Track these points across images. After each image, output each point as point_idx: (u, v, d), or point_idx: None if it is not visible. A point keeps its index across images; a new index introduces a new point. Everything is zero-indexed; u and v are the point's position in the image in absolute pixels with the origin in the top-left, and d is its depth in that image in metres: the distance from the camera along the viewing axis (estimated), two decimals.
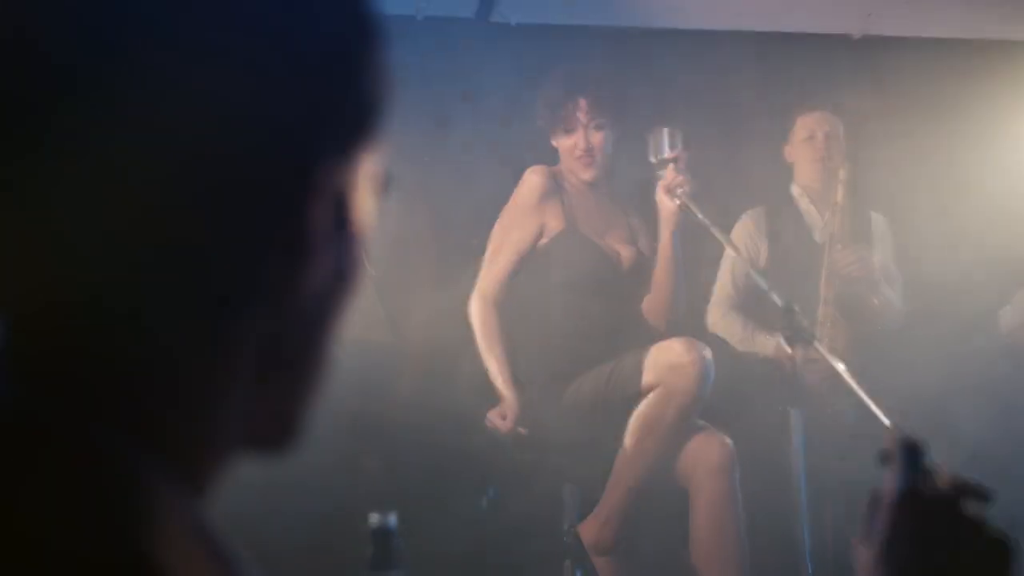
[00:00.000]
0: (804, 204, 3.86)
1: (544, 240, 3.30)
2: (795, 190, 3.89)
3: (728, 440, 3.12)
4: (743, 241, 3.81)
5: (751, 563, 3.06)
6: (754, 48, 4.28)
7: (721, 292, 3.78)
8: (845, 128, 3.87)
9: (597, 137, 3.32)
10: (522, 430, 3.15)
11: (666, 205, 3.18)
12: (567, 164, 3.37)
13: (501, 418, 3.14)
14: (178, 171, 0.55)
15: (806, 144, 3.84)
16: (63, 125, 0.54)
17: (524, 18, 4.13)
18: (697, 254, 3.54)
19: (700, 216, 3.03)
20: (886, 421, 2.52)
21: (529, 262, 3.31)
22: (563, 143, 3.37)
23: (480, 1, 4.03)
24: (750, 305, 3.67)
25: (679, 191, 3.12)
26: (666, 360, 3.06)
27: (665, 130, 3.16)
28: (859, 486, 2.96)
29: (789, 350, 2.77)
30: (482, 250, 3.37)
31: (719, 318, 3.75)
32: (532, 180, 3.30)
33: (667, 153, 3.14)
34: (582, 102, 3.31)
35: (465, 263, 3.49)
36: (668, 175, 3.14)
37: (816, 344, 2.71)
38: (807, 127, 3.85)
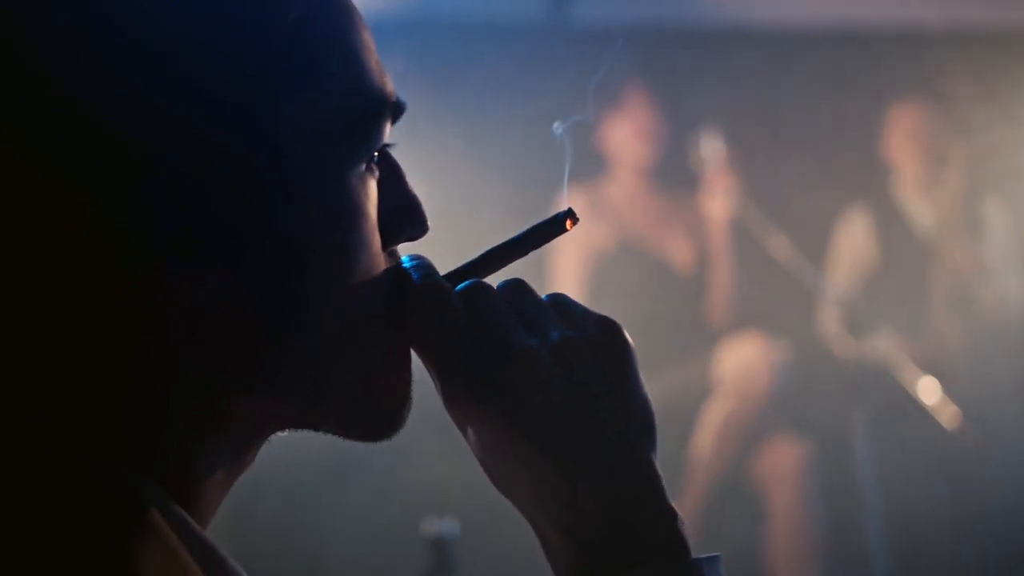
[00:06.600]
0: (906, 199, 3.73)
1: (596, 258, 3.25)
2: (896, 185, 3.76)
3: (806, 442, 3.04)
4: (846, 240, 3.68)
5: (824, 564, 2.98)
6: (847, 41, 4.15)
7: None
8: (948, 118, 3.73)
9: (648, 118, 3.27)
10: None
11: (714, 206, 3.12)
12: (623, 147, 3.30)
13: None
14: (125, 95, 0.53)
15: (905, 137, 3.72)
16: None
17: (597, 19, 4.09)
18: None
19: (747, 215, 2.98)
20: (954, 417, 2.44)
21: (586, 280, 3.26)
22: (618, 130, 3.32)
23: (553, 5, 4.01)
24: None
25: (725, 192, 3.07)
26: (738, 361, 2.99)
27: (709, 131, 3.11)
28: (933, 482, 2.83)
29: (851, 343, 2.71)
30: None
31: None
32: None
33: (712, 154, 3.09)
34: (628, 86, 3.28)
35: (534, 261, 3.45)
36: (714, 176, 3.09)
37: (880, 336, 2.65)
38: (904, 120, 3.72)
